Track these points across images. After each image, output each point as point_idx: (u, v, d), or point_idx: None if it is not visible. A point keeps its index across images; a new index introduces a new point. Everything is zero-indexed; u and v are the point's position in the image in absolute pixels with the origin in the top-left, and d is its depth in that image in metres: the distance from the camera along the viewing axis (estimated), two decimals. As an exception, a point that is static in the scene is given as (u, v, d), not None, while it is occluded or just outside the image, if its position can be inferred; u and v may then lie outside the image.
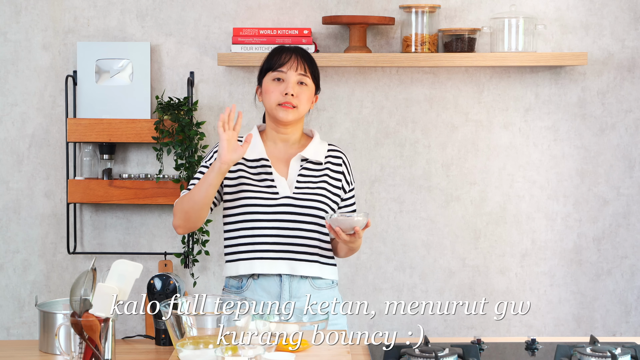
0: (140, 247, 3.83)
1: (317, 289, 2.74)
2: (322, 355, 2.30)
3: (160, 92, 3.78)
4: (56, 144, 3.80)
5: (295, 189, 2.71)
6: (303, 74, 2.71)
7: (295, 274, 2.69)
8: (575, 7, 3.77)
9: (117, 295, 2.15)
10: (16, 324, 3.86)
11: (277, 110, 2.70)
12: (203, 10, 3.77)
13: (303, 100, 2.71)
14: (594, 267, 3.85)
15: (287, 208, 2.69)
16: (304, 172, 2.74)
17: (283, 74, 2.70)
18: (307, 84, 2.72)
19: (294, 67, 2.70)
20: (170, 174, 3.78)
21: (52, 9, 3.77)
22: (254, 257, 2.70)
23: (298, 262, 2.70)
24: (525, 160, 3.82)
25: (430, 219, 3.83)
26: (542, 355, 2.38)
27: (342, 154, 2.83)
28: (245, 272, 2.71)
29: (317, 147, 2.78)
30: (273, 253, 2.70)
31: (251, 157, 2.74)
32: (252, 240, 2.70)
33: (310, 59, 2.75)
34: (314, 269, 2.72)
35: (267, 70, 2.74)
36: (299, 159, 2.75)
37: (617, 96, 3.80)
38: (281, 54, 2.72)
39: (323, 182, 2.75)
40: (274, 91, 2.70)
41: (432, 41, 3.66)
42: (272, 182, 2.71)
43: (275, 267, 2.69)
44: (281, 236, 2.69)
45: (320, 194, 2.72)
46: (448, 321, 3.86)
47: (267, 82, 2.73)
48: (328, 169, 2.78)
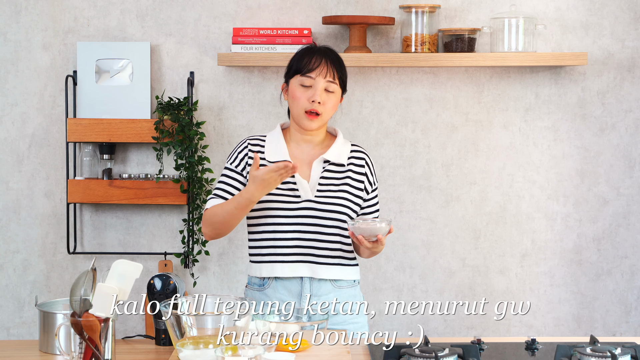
0: (140, 247, 3.83)
1: (338, 289, 2.74)
2: (322, 355, 2.30)
3: (160, 92, 3.78)
4: (56, 144, 3.80)
5: (317, 192, 2.69)
6: (331, 80, 2.67)
7: (317, 277, 2.70)
8: (575, 7, 3.77)
9: (117, 295, 2.15)
10: (16, 324, 3.86)
11: (303, 118, 2.67)
12: (203, 10, 3.77)
13: (329, 108, 2.68)
14: (594, 267, 3.85)
15: (308, 212, 2.68)
16: (326, 175, 2.72)
17: (311, 80, 2.66)
18: (334, 91, 2.68)
19: (323, 73, 2.66)
20: (170, 174, 3.78)
21: (52, 9, 3.76)
22: (276, 260, 2.70)
23: (319, 266, 2.70)
24: (525, 160, 3.82)
25: (430, 219, 3.83)
26: (542, 355, 2.38)
27: (365, 155, 2.80)
28: (267, 275, 2.71)
29: (340, 149, 2.75)
30: (295, 256, 2.69)
31: (274, 158, 2.71)
32: (273, 243, 2.70)
33: (339, 62, 2.71)
34: (335, 272, 2.72)
35: (296, 72, 2.69)
36: (321, 161, 2.72)
37: (617, 96, 3.80)
38: (312, 57, 2.67)
39: (345, 185, 2.72)
40: (301, 97, 2.66)
41: (432, 41, 3.66)
42: (294, 185, 2.69)
43: (296, 270, 2.70)
44: (303, 239, 2.69)
45: (342, 197, 2.70)
46: (448, 321, 3.86)
47: (294, 85, 2.68)
48: (350, 170, 2.75)
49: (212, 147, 3.80)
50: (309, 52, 2.70)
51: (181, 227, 3.82)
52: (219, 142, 3.80)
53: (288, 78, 2.73)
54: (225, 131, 3.80)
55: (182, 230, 3.80)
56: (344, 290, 2.75)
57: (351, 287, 2.77)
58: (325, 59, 2.68)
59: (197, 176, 3.70)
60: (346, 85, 2.76)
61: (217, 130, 3.80)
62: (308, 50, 2.71)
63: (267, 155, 2.73)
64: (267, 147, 2.74)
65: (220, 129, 3.80)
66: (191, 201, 3.72)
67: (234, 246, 3.82)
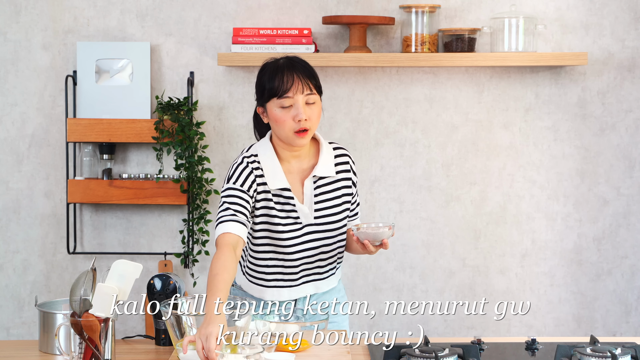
0: (140, 247, 3.83)
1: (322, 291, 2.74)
2: (322, 355, 2.29)
3: (160, 92, 3.78)
4: (56, 144, 3.80)
5: (315, 213, 2.62)
6: (309, 92, 2.54)
7: (320, 292, 2.71)
8: (575, 7, 3.77)
9: (117, 295, 2.15)
10: (16, 324, 3.86)
11: (293, 139, 2.55)
12: (203, 10, 3.77)
13: (314, 119, 2.55)
14: (594, 267, 3.85)
15: (310, 236, 2.63)
16: (318, 192, 2.63)
17: (290, 99, 2.52)
18: (315, 101, 2.56)
19: (299, 89, 2.53)
20: (170, 174, 3.78)
21: (52, 9, 3.76)
22: (282, 285, 2.68)
23: (322, 281, 2.71)
24: (525, 160, 3.82)
25: (430, 219, 3.83)
26: (542, 355, 2.38)
27: (347, 157, 2.71)
28: (271, 299, 2.67)
29: (326, 159, 2.65)
30: (301, 279, 2.68)
31: (275, 187, 2.58)
32: (279, 270, 2.66)
33: (309, 70, 2.58)
34: (332, 281, 2.74)
35: (271, 95, 2.54)
36: (311, 179, 2.63)
37: (617, 96, 3.80)
38: (282, 76, 2.53)
39: (338, 198, 2.65)
40: (286, 120, 2.52)
41: (432, 41, 3.66)
42: (295, 213, 2.61)
43: (302, 292, 2.69)
44: (309, 263, 2.67)
45: (339, 212, 2.65)
46: (448, 321, 3.86)
47: (273, 109, 2.55)
48: (341, 179, 2.67)
49: (212, 147, 3.80)
50: (276, 71, 2.56)
51: (181, 227, 3.82)
52: (219, 142, 3.80)
53: (264, 102, 2.58)
54: (225, 131, 3.80)
55: (182, 230, 3.80)
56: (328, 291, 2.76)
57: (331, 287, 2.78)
58: (296, 74, 2.54)
59: (197, 176, 3.70)
60: (321, 88, 2.62)
61: (217, 130, 3.80)
62: (275, 69, 2.56)
63: (268, 181, 2.58)
64: (266, 172, 2.59)
65: (220, 129, 3.80)
66: (191, 201, 3.72)
67: (234, 246, 3.82)
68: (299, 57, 2.62)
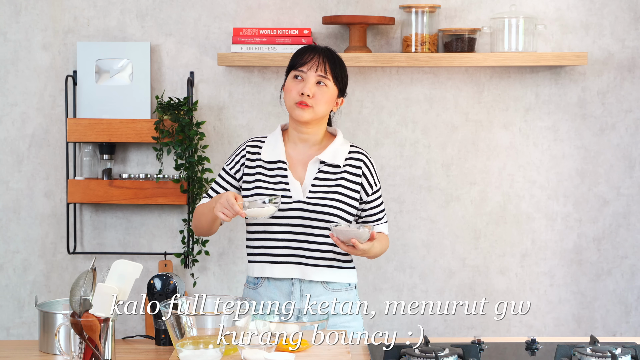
0: (140, 247, 3.83)
1: (330, 291, 2.73)
2: (322, 355, 2.30)
3: (160, 92, 3.78)
4: (56, 144, 3.80)
5: (309, 193, 2.69)
6: (323, 75, 2.68)
7: (307, 278, 2.70)
8: (575, 7, 3.77)
9: (117, 295, 2.15)
10: (16, 324, 3.86)
11: (294, 109, 2.69)
12: (203, 10, 3.77)
13: (320, 102, 2.68)
14: (594, 267, 3.85)
15: (299, 212, 2.68)
16: (320, 176, 2.71)
17: (303, 73, 2.69)
18: (326, 85, 2.69)
19: (314, 67, 2.68)
20: (170, 174, 3.78)
21: (52, 9, 3.76)
22: (266, 260, 2.71)
23: (310, 267, 2.70)
24: (525, 160, 3.82)
25: (430, 219, 3.83)
26: (542, 355, 2.38)
27: (364, 156, 2.77)
28: (259, 275, 2.73)
29: (336, 149, 2.74)
30: (285, 257, 2.70)
31: (269, 158, 2.73)
32: (265, 243, 2.71)
33: (334, 60, 2.72)
34: (326, 274, 2.72)
35: (290, 68, 2.73)
36: (316, 162, 2.72)
37: (617, 96, 3.80)
38: (305, 54, 2.71)
39: (339, 187, 2.71)
40: (292, 89, 2.69)
41: (432, 41, 3.66)
42: (286, 186, 2.69)
43: (286, 272, 2.70)
44: (293, 240, 2.69)
45: (334, 199, 2.69)
46: (448, 321, 3.86)
47: (288, 80, 2.73)
48: (346, 172, 2.74)
49: (212, 147, 3.80)
50: (304, 49, 2.74)
51: (181, 227, 3.82)
52: (219, 142, 3.80)
53: (286, 75, 2.76)
54: (225, 131, 3.80)
55: (182, 230, 3.80)
56: (337, 293, 2.74)
57: (345, 290, 2.76)
58: (318, 55, 2.70)
59: (197, 176, 3.70)
60: (345, 87, 2.76)
61: (217, 130, 3.80)
62: (303, 48, 2.76)
63: (263, 155, 2.74)
64: (265, 147, 2.76)
65: (220, 129, 3.80)
66: (191, 201, 3.72)
67: (234, 246, 3.82)
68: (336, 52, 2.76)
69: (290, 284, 2.71)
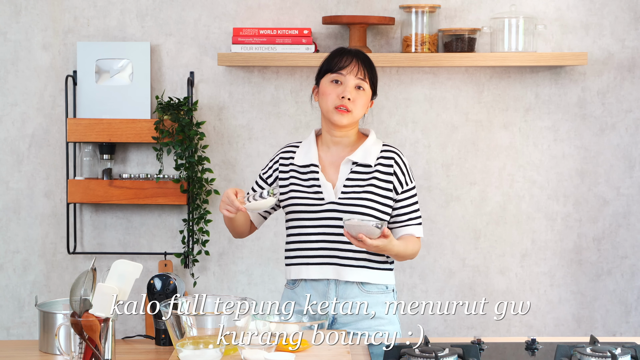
0: (140, 247, 3.83)
1: (366, 293, 2.72)
2: (322, 355, 2.29)
3: (160, 92, 3.78)
4: (56, 144, 3.80)
5: (341, 194, 2.69)
6: (362, 78, 2.69)
7: (342, 279, 2.69)
8: (575, 7, 3.77)
9: (117, 295, 2.15)
10: (16, 324, 3.86)
11: (333, 113, 2.68)
12: (203, 10, 3.77)
13: (359, 105, 2.69)
14: (594, 267, 3.85)
15: (332, 214, 2.68)
16: (352, 176, 2.71)
17: (342, 77, 2.68)
18: (364, 89, 2.70)
19: (354, 71, 2.68)
20: (170, 174, 3.78)
21: (52, 9, 3.77)
22: (302, 262, 2.72)
23: (344, 268, 2.69)
24: (525, 160, 3.82)
25: (430, 219, 3.83)
26: (542, 355, 2.38)
27: (395, 154, 2.76)
28: (295, 277, 2.74)
29: (368, 149, 2.74)
30: (320, 258, 2.70)
31: (302, 163, 2.74)
32: (300, 246, 2.72)
33: (370, 64, 2.73)
34: (361, 274, 2.70)
35: (327, 71, 2.71)
36: (348, 163, 2.72)
37: (617, 96, 3.80)
38: (342, 57, 2.70)
39: (371, 186, 2.70)
40: (331, 93, 2.68)
41: (432, 41, 3.66)
42: (319, 188, 2.70)
43: (321, 273, 2.70)
44: (327, 241, 2.69)
45: (366, 198, 2.69)
46: (448, 321, 3.86)
47: (325, 83, 2.71)
48: (378, 171, 2.72)
49: (212, 147, 3.80)
50: (340, 52, 2.73)
51: (181, 227, 3.82)
52: (219, 142, 3.80)
53: (319, 79, 2.74)
54: (225, 131, 3.80)
55: (182, 230, 3.80)
56: (373, 295, 2.72)
57: (382, 293, 2.74)
58: (356, 59, 2.70)
59: (197, 176, 3.70)
60: (376, 88, 2.77)
61: (217, 130, 3.80)
62: (340, 50, 2.75)
63: (296, 160, 2.76)
64: (298, 152, 2.77)
65: (220, 129, 3.80)
66: (191, 201, 3.72)
67: (234, 246, 3.82)
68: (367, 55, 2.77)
69: (326, 284, 2.71)
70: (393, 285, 2.78)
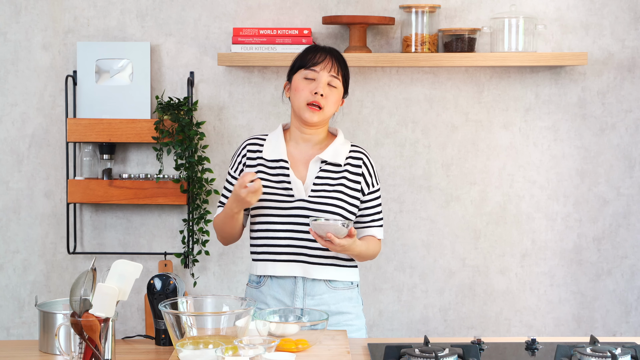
0: (140, 247, 3.83)
1: (333, 289, 2.73)
2: (322, 355, 2.30)
3: (160, 92, 3.78)
4: (56, 144, 3.80)
5: (310, 192, 2.69)
6: (335, 75, 2.70)
7: (309, 277, 2.70)
8: (575, 7, 3.77)
9: (117, 295, 2.15)
10: (16, 324, 3.86)
11: (304, 110, 2.69)
12: (203, 10, 3.77)
13: (330, 102, 2.70)
14: (594, 267, 3.85)
15: (301, 211, 2.68)
16: (321, 175, 2.72)
17: (315, 73, 2.69)
18: (336, 86, 2.71)
19: (327, 67, 2.69)
20: (170, 174, 3.78)
21: (52, 9, 3.77)
22: (269, 259, 2.72)
23: (312, 266, 2.70)
24: (525, 160, 3.82)
25: (430, 219, 3.83)
26: (542, 355, 2.38)
27: (363, 155, 2.79)
28: (261, 273, 2.73)
29: (337, 149, 2.75)
30: (287, 255, 2.70)
31: (271, 157, 2.73)
32: (268, 242, 2.72)
33: (343, 62, 2.74)
34: (329, 272, 2.72)
35: (300, 67, 2.72)
36: (318, 161, 2.72)
37: (617, 96, 3.80)
38: (316, 53, 2.71)
39: (340, 185, 2.72)
40: (303, 89, 2.69)
41: (432, 41, 3.66)
42: (288, 185, 2.70)
43: (288, 270, 2.70)
44: (296, 239, 2.69)
45: (336, 197, 2.70)
46: (448, 321, 3.86)
47: (297, 79, 2.71)
48: (347, 171, 2.74)
49: (212, 147, 3.80)
50: (313, 49, 2.74)
51: (181, 227, 3.82)
52: (219, 142, 3.80)
53: (291, 75, 2.75)
54: (225, 131, 3.80)
55: (182, 230, 3.80)
56: (340, 291, 2.75)
57: (348, 289, 2.76)
58: (329, 55, 2.71)
59: (197, 176, 3.70)
60: (348, 87, 2.78)
61: (217, 130, 3.80)
62: (312, 47, 2.76)
63: (264, 153, 2.75)
64: (266, 146, 2.76)
65: (220, 129, 3.80)
66: (191, 201, 3.72)
67: (234, 246, 3.82)
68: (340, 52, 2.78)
69: (293, 282, 2.71)
70: (358, 281, 2.81)
